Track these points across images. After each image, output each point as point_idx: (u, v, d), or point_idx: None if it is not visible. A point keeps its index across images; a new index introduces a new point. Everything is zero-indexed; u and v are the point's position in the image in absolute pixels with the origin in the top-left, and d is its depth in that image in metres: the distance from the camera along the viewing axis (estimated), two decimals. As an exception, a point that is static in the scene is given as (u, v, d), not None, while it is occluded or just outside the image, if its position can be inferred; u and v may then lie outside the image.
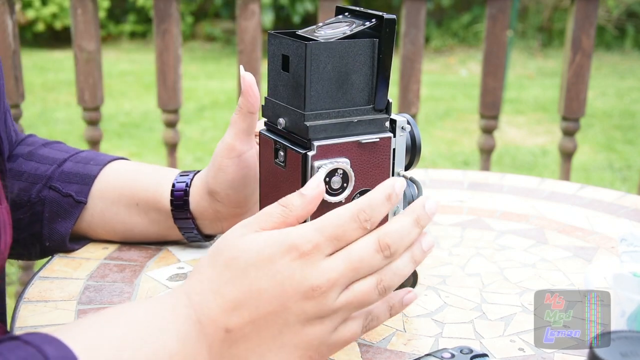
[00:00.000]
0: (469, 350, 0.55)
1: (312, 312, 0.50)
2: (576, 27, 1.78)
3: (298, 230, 0.51)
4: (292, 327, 0.50)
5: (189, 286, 0.52)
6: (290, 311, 0.50)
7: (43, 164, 0.77)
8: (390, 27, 0.59)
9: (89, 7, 1.76)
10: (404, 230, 0.52)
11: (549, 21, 6.63)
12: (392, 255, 0.52)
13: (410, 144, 0.66)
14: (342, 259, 0.51)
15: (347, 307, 0.51)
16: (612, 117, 4.57)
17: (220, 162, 0.71)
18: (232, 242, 0.51)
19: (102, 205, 0.76)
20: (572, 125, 1.88)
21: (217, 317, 0.50)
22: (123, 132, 4.09)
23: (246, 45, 1.80)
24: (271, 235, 0.51)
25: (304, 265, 0.50)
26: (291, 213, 0.52)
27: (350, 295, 0.51)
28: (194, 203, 0.74)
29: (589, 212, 0.93)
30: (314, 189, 0.53)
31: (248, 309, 0.50)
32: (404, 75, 1.83)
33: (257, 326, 0.50)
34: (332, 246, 0.51)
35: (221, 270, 0.51)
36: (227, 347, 0.50)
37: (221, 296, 0.50)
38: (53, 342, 0.44)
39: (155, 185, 0.75)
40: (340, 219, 0.51)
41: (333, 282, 0.50)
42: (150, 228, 0.77)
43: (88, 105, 1.84)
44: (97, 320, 0.48)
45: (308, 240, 0.50)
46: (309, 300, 0.50)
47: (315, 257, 0.50)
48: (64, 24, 6.08)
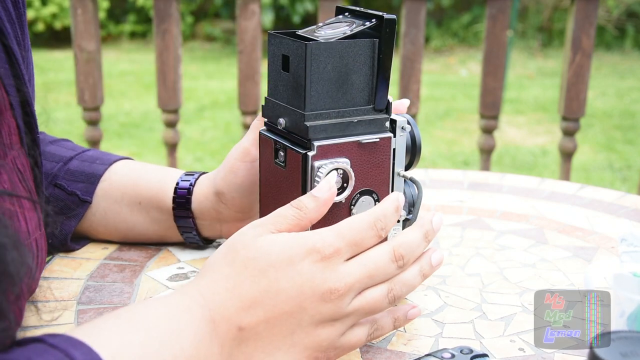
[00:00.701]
0: (469, 350, 0.56)
1: (326, 314, 0.52)
2: (576, 27, 1.78)
3: (318, 234, 0.52)
4: (305, 328, 0.52)
5: (203, 285, 0.52)
6: (305, 312, 0.51)
7: (49, 162, 0.77)
8: (390, 27, 0.59)
9: (89, 7, 1.76)
10: (415, 242, 0.55)
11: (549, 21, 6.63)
12: (404, 265, 0.55)
13: (410, 144, 0.66)
14: (360, 265, 0.53)
15: (358, 312, 0.53)
16: (612, 117, 4.57)
17: (232, 164, 0.71)
18: (249, 242, 0.52)
19: (105, 204, 0.76)
20: (572, 125, 1.88)
21: (231, 315, 0.50)
22: (123, 132, 4.09)
23: (246, 45, 1.80)
24: (291, 238, 0.52)
25: (325, 268, 0.51)
26: (305, 215, 0.54)
27: (363, 301, 0.53)
28: (197, 202, 0.74)
29: (589, 212, 0.93)
30: (326, 192, 0.55)
31: (264, 308, 0.50)
32: (404, 75, 1.83)
33: (271, 325, 0.51)
34: (351, 252, 0.53)
35: (239, 269, 0.51)
36: (236, 345, 0.51)
37: (237, 295, 0.51)
38: (79, 346, 0.44)
39: (160, 183, 0.76)
40: (359, 225, 0.53)
41: (350, 287, 0.52)
42: (150, 227, 0.77)
43: (88, 105, 1.84)
44: (119, 325, 0.48)
45: (329, 244, 0.52)
46: (326, 302, 0.51)
47: (335, 261, 0.52)
48: (64, 24, 6.08)
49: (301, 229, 0.54)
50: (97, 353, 0.44)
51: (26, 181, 0.55)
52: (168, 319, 0.50)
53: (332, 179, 0.56)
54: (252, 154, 0.70)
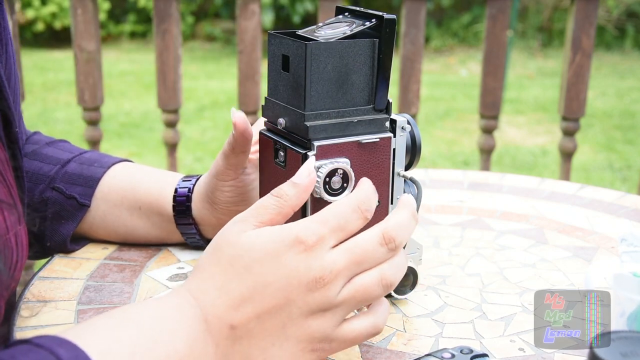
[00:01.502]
0: (469, 350, 0.55)
1: (315, 304, 0.50)
2: (576, 27, 1.78)
3: (301, 223, 0.51)
4: (296, 320, 0.51)
5: (192, 285, 0.52)
6: (294, 304, 0.50)
7: (47, 164, 0.77)
8: (390, 27, 0.59)
9: (89, 7, 1.76)
10: (404, 223, 0.53)
11: (549, 21, 6.63)
12: (396, 248, 0.52)
13: (410, 144, 0.66)
14: (346, 251, 0.51)
15: (350, 301, 0.52)
16: (612, 117, 4.57)
17: (216, 183, 0.72)
18: (233, 240, 0.51)
19: (105, 208, 0.76)
20: (572, 125, 1.88)
21: (222, 314, 0.50)
22: (123, 132, 4.10)
23: (246, 45, 1.80)
24: (274, 231, 0.51)
25: (308, 258, 0.50)
26: (286, 203, 0.53)
27: (352, 289, 0.51)
28: (196, 210, 0.74)
29: (589, 212, 0.93)
30: (306, 177, 0.54)
31: (253, 304, 0.50)
32: (404, 75, 1.83)
33: (262, 321, 0.50)
34: (336, 237, 0.51)
35: (225, 268, 0.51)
36: (231, 344, 0.50)
37: (226, 293, 0.50)
38: (64, 344, 0.44)
39: (159, 190, 0.75)
40: (342, 210, 0.52)
41: (336, 274, 0.50)
42: (152, 232, 0.77)
43: (88, 105, 1.84)
44: (108, 323, 0.48)
45: (312, 233, 0.50)
46: (313, 292, 0.50)
47: (319, 249, 0.50)
48: (64, 24, 6.08)
49: (284, 217, 0.53)
50: (82, 350, 0.44)
51: (3, 174, 0.54)
52: (161, 318, 0.49)
53: (311, 165, 0.55)
54: (231, 175, 0.71)
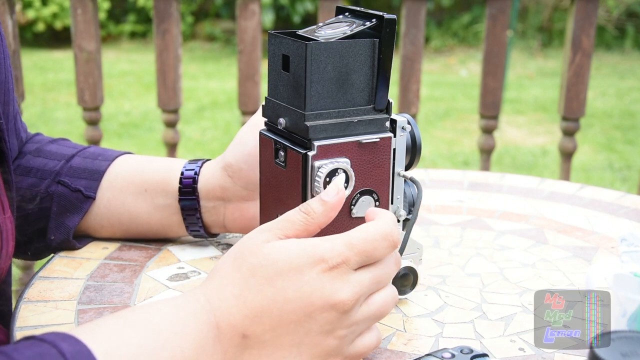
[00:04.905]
0: (469, 350, 0.56)
1: (336, 324, 0.51)
2: (576, 27, 1.78)
3: (327, 243, 0.52)
4: (314, 337, 0.51)
5: (210, 289, 0.52)
6: (314, 322, 0.51)
7: (51, 160, 0.78)
8: (391, 27, 0.59)
9: (89, 7, 1.76)
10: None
11: (549, 21, 6.62)
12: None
13: (411, 144, 0.66)
14: (369, 272, 0.53)
15: (368, 318, 0.53)
16: (612, 117, 4.57)
17: (242, 135, 0.73)
18: (257, 249, 0.52)
19: (110, 194, 0.77)
20: (572, 125, 1.88)
21: (237, 322, 0.50)
22: (123, 132, 4.09)
23: (246, 45, 1.80)
24: (300, 245, 0.51)
25: (333, 279, 0.51)
26: (313, 220, 0.53)
27: (373, 307, 0.53)
28: (203, 180, 0.75)
29: (588, 212, 0.93)
30: (334, 196, 0.54)
31: (270, 316, 0.50)
32: (404, 75, 1.83)
33: (278, 334, 0.50)
34: (360, 262, 0.52)
35: (246, 276, 0.51)
36: (240, 352, 0.50)
37: (244, 302, 0.50)
38: (67, 339, 0.44)
39: (166, 168, 0.77)
40: (372, 236, 0.52)
41: (360, 295, 0.52)
42: (154, 215, 0.77)
43: (88, 105, 1.84)
44: (117, 323, 0.48)
45: (338, 254, 0.51)
46: (335, 312, 0.51)
47: (343, 271, 0.51)
48: (64, 24, 6.08)
49: (309, 234, 0.53)
50: (85, 345, 0.44)
51: None
52: (171, 320, 0.49)
53: (340, 182, 0.56)
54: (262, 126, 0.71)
